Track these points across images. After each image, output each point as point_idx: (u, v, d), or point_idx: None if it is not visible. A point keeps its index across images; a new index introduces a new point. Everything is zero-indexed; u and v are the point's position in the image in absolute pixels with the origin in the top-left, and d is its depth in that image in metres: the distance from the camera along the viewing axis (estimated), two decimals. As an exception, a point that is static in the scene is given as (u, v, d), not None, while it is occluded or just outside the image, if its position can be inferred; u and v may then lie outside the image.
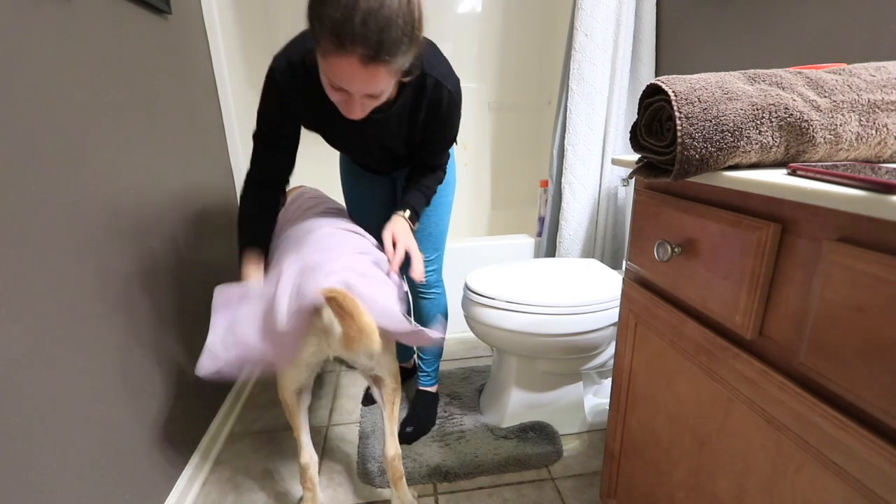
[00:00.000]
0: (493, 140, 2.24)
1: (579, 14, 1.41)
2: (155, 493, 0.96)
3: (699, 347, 0.60)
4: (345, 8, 0.62)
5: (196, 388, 1.17)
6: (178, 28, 1.19)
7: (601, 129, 1.52)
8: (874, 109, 0.49)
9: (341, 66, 0.67)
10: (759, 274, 0.50)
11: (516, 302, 1.11)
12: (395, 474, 1.01)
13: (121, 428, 0.86)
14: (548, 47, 2.10)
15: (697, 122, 0.50)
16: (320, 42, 0.66)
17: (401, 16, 0.64)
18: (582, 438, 1.27)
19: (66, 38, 0.77)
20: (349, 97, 0.73)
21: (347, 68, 0.67)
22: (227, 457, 1.23)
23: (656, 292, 0.71)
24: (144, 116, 1.00)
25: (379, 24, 0.63)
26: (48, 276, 0.70)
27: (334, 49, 0.65)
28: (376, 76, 0.69)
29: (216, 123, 1.42)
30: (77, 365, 0.76)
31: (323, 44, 0.66)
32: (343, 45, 0.64)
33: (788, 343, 0.48)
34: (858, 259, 0.39)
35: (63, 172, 0.74)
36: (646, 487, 0.77)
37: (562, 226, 1.60)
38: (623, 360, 0.80)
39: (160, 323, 1.02)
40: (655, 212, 0.68)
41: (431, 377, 1.38)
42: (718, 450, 0.59)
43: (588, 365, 1.22)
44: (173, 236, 1.10)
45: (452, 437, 1.26)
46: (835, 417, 0.42)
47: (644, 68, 1.48)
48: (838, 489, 0.43)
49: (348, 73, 0.68)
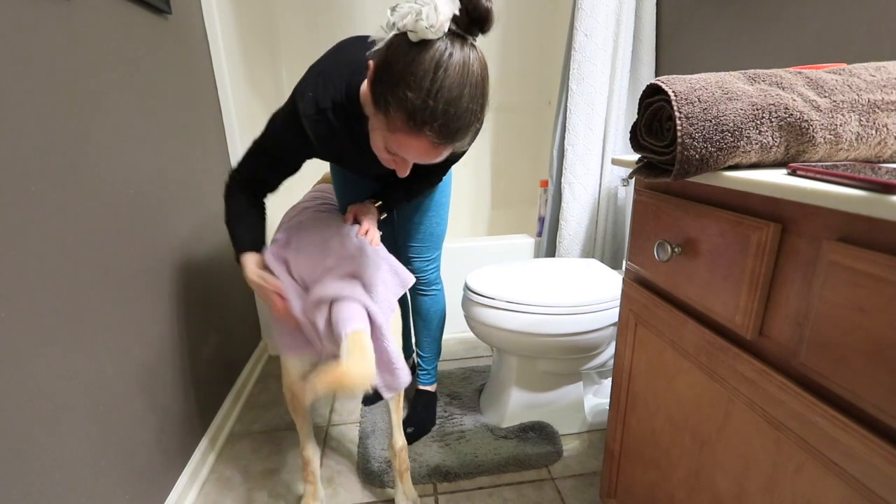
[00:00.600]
0: (493, 140, 2.24)
1: (579, 14, 1.41)
2: (155, 493, 0.96)
3: (699, 347, 0.60)
4: (427, 94, 0.59)
5: (196, 389, 1.17)
6: (178, 28, 1.19)
7: (601, 129, 1.52)
8: (874, 109, 0.49)
9: (410, 143, 0.65)
10: (759, 274, 0.50)
11: (516, 302, 1.11)
12: (402, 465, 1.01)
13: (121, 428, 0.86)
14: (548, 47, 2.10)
15: (697, 122, 0.50)
16: (390, 116, 0.63)
17: (477, 101, 0.62)
18: (582, 438, 1.27)
19: (66, 38, 0.77)
20: (403, 160, 0.71)
21: (416, 146, 0.65)
22: (227, 457, 1.23)
23: (656, 292, 0.71)
24: (144, 116, 1.00)
25: (458, 114, 0.61)
26: (48, 275, 0.70)
27: (407, 130, 0.63)
28: (442, 154, 0.67)
29: (216, 123, 1.42)
30: (77, 365, 0.76)
31: (394, 120, 0.63)
32: (419, 129, 0.62)
33: (788, 343, 0.48)
34: (858, 259, 0.39)
35: (63, 172, 0.74)
36: (646, 487, 0.77)
37: (562, 226, 1.60)
38: (623, 360, 0.80)
39: (161, 323, 1.02)
40: (655, 212, 0.68)
41: (431, 376, 1.38)
42: (718, 450, 0.59)
43: (588, 365, 1.22)
44: (173, 235, 1.10)
45: (452, 437, 1.26)
46: (835, 417, 0.42)
47: (644, 68, 1.48)
48: (838, 489, 0.43)
49: (415, 151, 0.66)
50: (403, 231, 1.21)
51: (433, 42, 0.58)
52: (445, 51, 0.58)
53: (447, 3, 0.57)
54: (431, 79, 0.58)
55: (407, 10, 0.57)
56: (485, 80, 0.63)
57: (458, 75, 0.59)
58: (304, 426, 0.98)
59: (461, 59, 0.59)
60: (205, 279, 1.25)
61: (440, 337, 1.35)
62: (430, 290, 1.28)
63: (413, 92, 0.59)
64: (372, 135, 0.71)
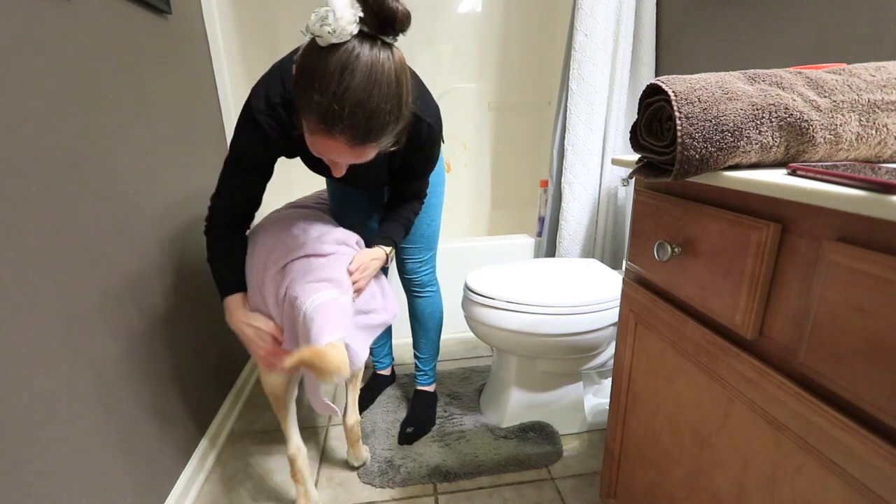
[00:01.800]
0: (493, 140, 2.24)
1: (579, 14, 1.41)
2: (155, 493, 0.96)
3: (699, 347, 0.60)
4: (333, 97, 0.60)
5: (196, 389, 1.17)
6: (178, 28, 1.19)
7: (601, 129, 1.52)
8: (874, 109, 0.49)
9: (328, 145, 0.66)
10: (759, 274, 0.50)
11: (516, 302, 1.11)
12: (353, 438, 1.14)
13: (121, 429, 0.86)
14: (548, 47, 2.10)
15: (697, 122, 0.50)
16: (306, 118, 0.65)
17: (388, 102, 0.63)
18: (582, 438, 1.27)
19: (66, 38, 0.77)
20: (334, 161, 0.73)
21: (333, 147, 0.66)
22: (227, 457, 1.23)
23: (656, 292, 0.71)
24: (144, 116, 1.00)
25: (367, 115, 0.62)
26: (48, 276, 0.70)
27: (321, 132, 0.64)
28: (364, 154, 0.68)
29: (216, 123, 1.42)
30: (77, 365, 0.76)
31: (309, 121, 0.64)
32: (331, 131, 0.63)
33: (788, 343, 0.48)
34: (858, 259, 0.39)
35: (63, 172, 0.74)
36: (646, 487, 0.77)
37: (562, 226, 1.60)
38: (623, 360, 0.80)
39: (161, 323, 1.02)
40: (655, 212, 0.68)
41: (429, 376, 1.38)
42: (718, 450, 0.59)
43: (588, 365, 1.22)
44: (173, 236, 1.10)
45: (452, 438, 1.26)
46: (835, 417, 0.42)
47: (644, 68, 1.48)
48: (838, 489, 0.43)
49: (335, 152, 0.67)
50: None
51: (340, 45, 0.59)
52: (353, 52, 0.59)
53: (346, 7, 0.57)
54: (337, 81, 0.59)
55: (315, 15, 0.58)
56: (399, 78, 0.63)
57: (365, 76, 0.60)
58: (287, 424, 0.98)
59: (369, 59, 0.60)
60: (205, 279, 1.25)
61: (437, 338, 1.35)
62: (425, 291, 1.27)
63: (320, 95, 0.60)
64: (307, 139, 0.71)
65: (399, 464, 1.17)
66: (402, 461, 1.18)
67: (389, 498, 1.09)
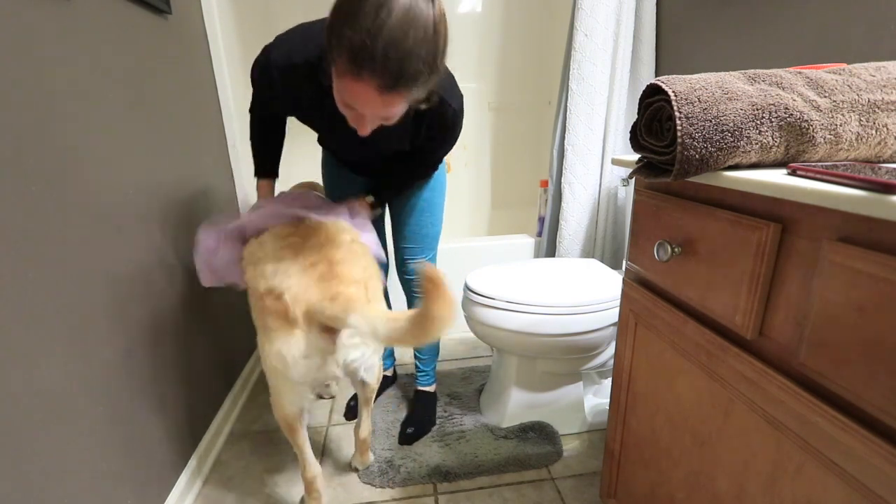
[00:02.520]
0: (493, 140, 2.24)
1: (579, 14, 1.41)
2: (155, 494, 0.96)
3: (699, 347, 0.60)
4: (367, 34, 0.58)
5: (196, 389, 1.17)
6: (178, 28, 1.19)
7: (601, 129, 1.52)
8: (874, 109, 0.49)
9: (356, 90, 0.64)
10: (759, 274, 0.50)
11: (516, 302, 1.11)
12: (364, 447, 1.15)
13: (121, 429, 0.86)
14: (548, 47, 2.10)
15: (697, 122, 0.50)
16: (337, 60, 0.63)
17: (424, 47, 0.61)
18: (582, 438, 1.27)
19: (66, 38, 0.77)
20: (361, 115, 0.71)
21: (362, 93, 0.65)
22: (227, 457, 1.23)
23: (656, 292, 0.71)
24: (144, 116, 1.00)
25: (400, 56, 0.60)
26: (48, 276, 0.70)
27: (350, 74, 0.62)
28: (392, 104, 0.67)
29: (216, 123, 1.41)
30: (76, 365, 0.76)
31: (339, 64, 0.63)
32: (361, 72, 0.61)
33: (788, 343, 0.48)
34: (858, 259, 0.39)
35: (63, 172, 0.74)
36: (646, 487, 0.77)
37: (562, 226, 1.60)
38: (623, 360, 0.80)
39: (161, 323, 1.02)
40: (655, 212, 0.68)
41: (429, 376, 1.38)
42: (718, 450, 0.59)
43: (588, 365, 1.22)
44: (174, 236, 1.10)
45: (452, 438, 1.26)
46: (835, 417, 0.42)
47: (644, 68, 1.48)
48: (838, 489, 0.43)
49: (362, 99, 0.66)
50: (397, 232, 1.21)
51: None
52: None
53: None
54: (373, 18, 0.58)
55: None
56: (438, 28, 0.63)
57: (402, 16, 0.59)
58: (303, 448, 0.95)
59: (408, 3, 0.59)
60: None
61: (437, 339, 1.35)
62: None
63: (353, 31, 0.59)
64: (334, 89, 0.71)
65: (399, 464, 1.17)
66: (402, 461, 1.18)
67: (389, 498, 1.09)
